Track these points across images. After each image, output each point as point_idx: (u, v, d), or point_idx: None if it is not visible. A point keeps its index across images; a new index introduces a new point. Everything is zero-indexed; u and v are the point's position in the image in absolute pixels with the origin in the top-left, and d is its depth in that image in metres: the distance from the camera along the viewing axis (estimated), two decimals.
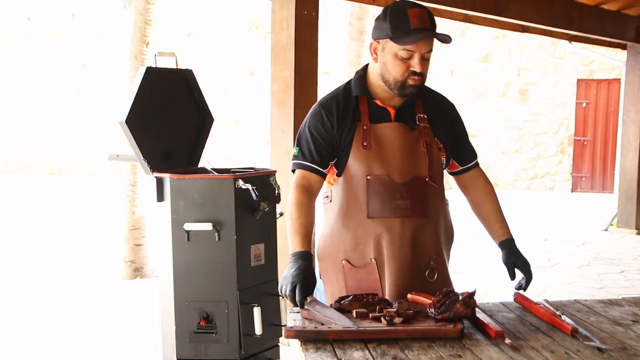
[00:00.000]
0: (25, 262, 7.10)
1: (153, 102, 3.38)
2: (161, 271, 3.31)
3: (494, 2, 6.11)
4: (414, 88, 2.14)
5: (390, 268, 2.13)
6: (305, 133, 2.22)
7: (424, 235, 2.17)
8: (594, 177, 13.02)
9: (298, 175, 2.22)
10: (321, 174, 2.21)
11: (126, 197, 6.29)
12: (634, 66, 8.73)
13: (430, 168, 2.17)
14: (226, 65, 15.02)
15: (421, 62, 2.11)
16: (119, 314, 5.17)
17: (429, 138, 2.19)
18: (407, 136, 2.18)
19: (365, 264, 2.17)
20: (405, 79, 2.12)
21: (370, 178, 2.14)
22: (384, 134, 2.17)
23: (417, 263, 2.17)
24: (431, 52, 2.14)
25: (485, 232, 2.35)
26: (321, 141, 2.19)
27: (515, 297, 2.17)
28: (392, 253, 2.13)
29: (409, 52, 2.10)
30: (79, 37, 16.26)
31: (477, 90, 13.46)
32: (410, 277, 2.14)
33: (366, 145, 2.15)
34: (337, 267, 2.21)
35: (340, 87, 2.29)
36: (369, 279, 2.16)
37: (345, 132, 2.18)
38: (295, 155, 2.24)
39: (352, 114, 2.20)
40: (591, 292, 5.74)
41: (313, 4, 4.21)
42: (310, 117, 2.24)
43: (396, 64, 2.12)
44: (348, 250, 2.19)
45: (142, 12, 6.11)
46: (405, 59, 2.11)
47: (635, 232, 8.66)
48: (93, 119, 15.84)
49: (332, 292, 2.24)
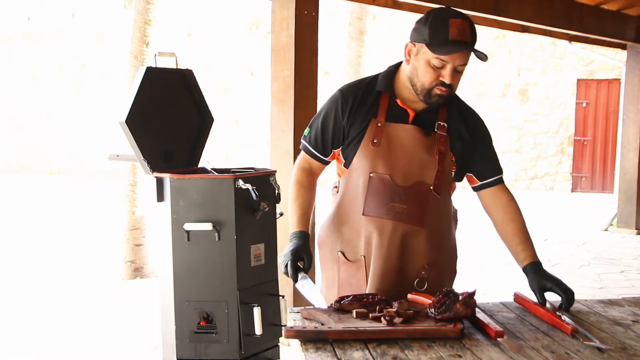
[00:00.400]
0: (26, 262, 7.10)
1: (153, 102, 3.38)
2: (161, 271, 3.31)
3: (494, 2, 6.11)
4: (440, 98, 2.10)
5: (375, 268, 2.13)
6: (319, 116, 2.25)
7: (415, 243, 2.14)
8: (594, 177, 13.02)
9: (302, 157, 2.30)
10: (323, 161, 2.27)
11: (126, 197, 6.29)
12: (634, 66, 8.73)
13: (438, 177, 2.13)
14: (226, 65, 15.02)
15: (453, 74, 2.07)
16: (119, 314, 5.17)
17: (443, 147, 2.14)
18: (420, 141, 2.14)
19: (356, 259, 2.19)
20: (432, 87, 2.08)
21: (373, 176, 2.13)
22: (396, 135, 2.14)
23: (405, 269, 2.15)
24: (465, 66, 2.09)
25: (486, 232, 2.35)
26: (330, 128, 2.21)
27: (515, 297, 2.17)
28: (379, 254, 2.13)
29: (442, 62, 2.05)
30: (79, 37, 16.27)
31: (477, 90, 13.46)
32: (395, 282, 2.12)
33: (376, 143, 2.14)
34: (333, 258, 2.25)
35: (367, 78, 2.27)
36: (357, 275, 2.18)
37: (357, 124, 2.17)
38: (304, 136, 2.29)
39: (370, 108, 2.17)
40: (591, 292, 5.74)
41: (313, 4, 4.21)
42: (329, 100, 2.25)
43: (427, 71, 2.08)
44: (344, 243, 2.21)
45: (142, 12, 6.12)
46: (437, 68, 2.06)
47: (635, 232, 8.66)
48: (93, 119, 15.85)
49: (327, 280, 2.29)
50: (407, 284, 2.15)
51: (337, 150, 2.24)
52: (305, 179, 2.28)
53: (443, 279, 2.22)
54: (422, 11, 6.51)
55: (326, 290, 2.26)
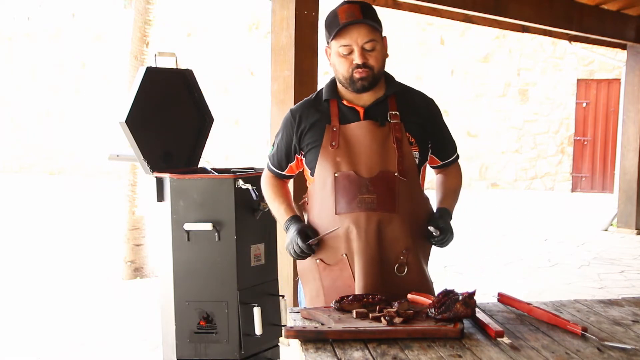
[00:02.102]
0: (26, 263, 7.10)
1: (153, 102, 3.38)
2: (161, 271, 3.31)
3: (494, 2, 6.11)
4: (363, 80, 2.18)
5: (359, 262, 2.15)
6: (277, 137, 2.38)
7: (390, 229, 2.17)
8: (594, 177, 13.02)
9: (267, 172, 2.45)
10: (280, 175, 2.42)
11: (126, 197, 6.30)
12: (634, 66, 8.73)
13: (400, 163, 2.18)
14: (226, 65, 15.02)
15: (363, 53, 2.16)
16: (119, 314, 5.17)
17: (399, 134, 2.21)
18: (376, 133, 2.20)
19: (337, 260, 2.21)
20: (351, 74, 2.18)
21: (338, 175, 2.18)
22: (352, 133, 2.21)
23: (385, 257, 2.17)
24: (374, 43, 2.17)
25: (486, 232, 2.36)
26: (283, 148, 2.35)
27: (500, 297, 2.16)
28: (359, 246, 2.15)
29: (346, 47, 2.16)
30: (79, 37, 16.27)
31: (477, 90, 13.46)
32: (378, 271, 2.15)
33: (334, 145, 2.20)
34: (313, 267, 2.27)
35: (314, 94, 2.38)
36: (342, 276, 2.19)
37: (310, 134, 2.26)
38: (268, 155, 2.44)
39: (322, 116, 2.26)
40: (591, 292, 5.74)
41: (313, 4, 4.21)
42: (283, 121, 2.37)
43: (340, 61, 2.19)
44: (321, 249, 2.23)
45: (142, 12, 6.12)
46: (346, 55, 2.17)
47: (635, 232, 8.66)
48: (93, 119, 15.85)
49: (309, 291, 2.30)
50: (389, 271, 2.18)
51: (294, 165, 2.36)
52: (276, 183, 2.43)
53: (421, 262, 2.25)
54: (422, 11, 6.50)
55: (310, 302, 2.28)
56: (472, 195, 11.94)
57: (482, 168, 13.39)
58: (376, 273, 2.14)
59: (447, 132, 2.39)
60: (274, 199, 2.39)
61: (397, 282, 2.15)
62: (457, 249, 7.43)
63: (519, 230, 8.88)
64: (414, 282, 2.15)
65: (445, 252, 6.87)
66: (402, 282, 2.14)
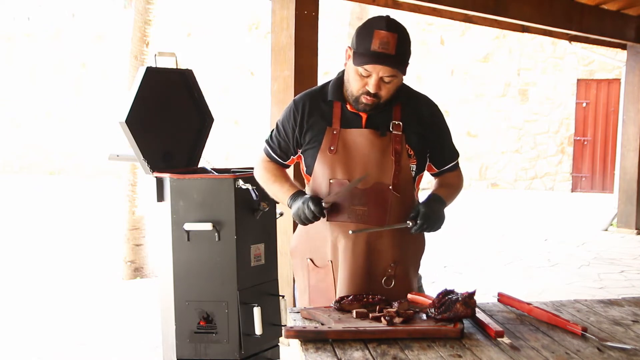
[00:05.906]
0: (26, 263, 7.10)
1: (153, 102, 3.38)
2: (161, 271, 3.31)
3: (494, 2, 6.11)
4: (366, 106, 2.14)
5: (343, 272, 2.16)
6: (277, 123, 2.33)
7: (380, 243, 2.17)
8: (594, 177, 13.02)
9: (264, 156, 2.37)
10: (282, 165, 2.35)
11: (126, 197, 6.30)
12: (634, 66, 8.73)
13: (396, 177, 2.15)
14: (226, 65, 15.02)
15: (379, 84, 2.09)
16: (119, 314, 5.17)
17: (399, 145, 2.17)
18: (375, 143, 2.16)
19: (324, 265, 2.23)
20: (360, 95, 2.13)
21: (333, 182, 2.17)
22: (352, 140, 2.18)
23: (372, 270, 2.17)
24: (395, 78, 2.10)
25: (486, 232, 2.36)
26: (284, 136, 2.28)
27: (500, 297, 2.16)
28: (345, 257, 2.16)
29: (367, 71, 2.08)
30: (79, 37, 16.26)
31: (477, 90, 13.46)
32: (362, 283, 2.15)
33: (332, 150, 2.17)
34: (304, 265, 2.29)
35: (319, 86, 2.31)
36: (326, 280, 2.22)
37: (311, 132, 2.21)
38: (266, 140, 2.35)
39: (324, 116, 2.22)
40: (591, 292, 5.74)
41: (313, 4, 4.21)
42: (285, 109, 2.32)
43: (355, 78, 2.12)
44: (312, 249, 2.25)
45: (142, 12, 6.12)
46: (363, 76, 2.10)
47: (635, 232, 8.65)
48: (93, 119, 15.84)
49: (299, 286, 2.34)
50: (375, 283, 2.18)
51: (295, 157, 2.31)
52: (274, 166, 2.34)
53: (410, 275, 2.25)
54: (422, 11, 6.50)
55: (300, 296, 2.32)
56: (472, 195, 11.94)
57: (482, 168, 13.39)
58: (359, 284, 2.15)
59: (449, 140, 2.34)
60: (274, 180, 2.31)
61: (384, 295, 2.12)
62: (457, 249, 7.44)
63: (519, 230, 8.88)
64: (401, 295, 2.12)
65: (445, 252, 6.89)
66: (389, 295, 2.11)
